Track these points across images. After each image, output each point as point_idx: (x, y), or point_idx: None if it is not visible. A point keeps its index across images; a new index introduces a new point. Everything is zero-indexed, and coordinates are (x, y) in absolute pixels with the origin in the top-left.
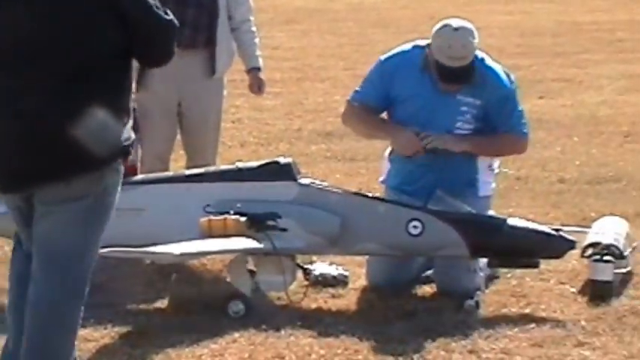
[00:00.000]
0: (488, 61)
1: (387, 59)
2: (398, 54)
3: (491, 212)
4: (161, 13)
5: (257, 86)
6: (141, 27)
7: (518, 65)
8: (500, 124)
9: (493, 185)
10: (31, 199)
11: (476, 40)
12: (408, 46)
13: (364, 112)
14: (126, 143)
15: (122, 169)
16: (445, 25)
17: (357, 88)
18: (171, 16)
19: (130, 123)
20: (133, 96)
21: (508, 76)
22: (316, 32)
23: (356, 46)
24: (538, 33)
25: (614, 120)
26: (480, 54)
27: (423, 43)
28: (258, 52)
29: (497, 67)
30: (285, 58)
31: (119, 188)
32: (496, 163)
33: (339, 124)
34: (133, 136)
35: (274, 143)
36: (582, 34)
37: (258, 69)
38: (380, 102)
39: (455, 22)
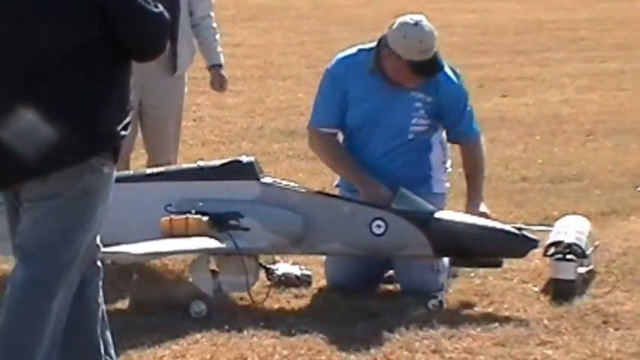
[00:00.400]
0: (440, 59)
1: (333, 66)
2: (344, 58)
3: (453, 211)
4: (149, 6)
5: (219, 83)
6: (123, 19)
7: (481, 63)
8: (455, 122)
9: (447, 184)
10: (20, 198)
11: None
12: (352, 51)
13: (333, 146)
14: (108, 141)
15: (108, 170)
16: (402, 25)
17: (314, 111)
18: (160, 9)
19: (127, 120)
20: (129, 92)
21: (454, 72)
22: (278, 29)
23: (318, 44)
24: (500, 31)
25: (576, 119)
26: None
27: (367, 46)
28: (219, 49)
29: (445, 64)
30: (246, 56)
31: (107, 191)
32: (449, 161)
33: (301, 122)
34: (123, 134)
35: (236, 142)
36: (544, 33)
37: (220, 66)
38: (340, 117)
39: (408, 19)
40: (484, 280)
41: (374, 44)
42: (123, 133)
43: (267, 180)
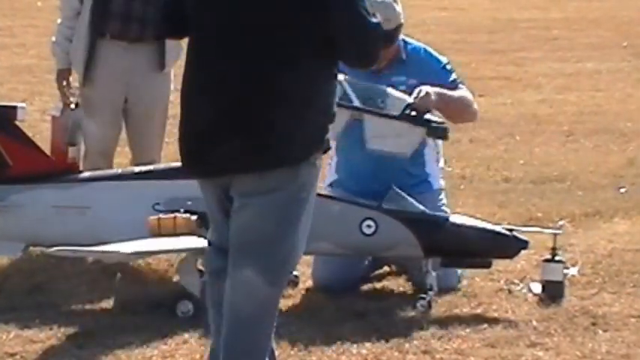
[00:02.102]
0: (411, 41)
1: None
2: None
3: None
4: (366, 15)
5: None
6: (342, 25)
7: (455, 62)
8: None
9: (442, 181)
10: (229, 191)
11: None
12: None
13: None
14: (324, 139)
15: (319, 163)
16: None
17: None
18: (377, 20)
19: (330, 121)
20: (332, 96)
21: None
22: None
23: None
24: (474, 29)
25: (554, 119)
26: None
27: None
28: None
29: (421, 45)
30: None
31: (316, 183)
32: (442, 159)
33: None
34: (329, 134)
35: None
36: (518, 31)
37: None
38: None
39: None
40: (471, 282)
41: None
42: (329, 134)
43: None
